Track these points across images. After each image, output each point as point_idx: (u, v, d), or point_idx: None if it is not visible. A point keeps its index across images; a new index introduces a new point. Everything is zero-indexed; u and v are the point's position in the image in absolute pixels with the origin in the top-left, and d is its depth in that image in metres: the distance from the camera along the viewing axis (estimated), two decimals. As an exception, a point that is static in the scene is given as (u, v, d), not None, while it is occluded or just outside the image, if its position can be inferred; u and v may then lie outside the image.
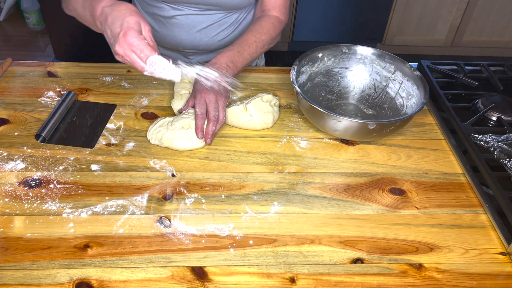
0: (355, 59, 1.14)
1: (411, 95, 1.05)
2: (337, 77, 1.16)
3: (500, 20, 3.00)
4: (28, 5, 2.94)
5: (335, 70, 1.15)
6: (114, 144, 0.97)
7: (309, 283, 0.73)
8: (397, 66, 1.10)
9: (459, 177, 0.95)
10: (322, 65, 1.14)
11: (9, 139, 0.96)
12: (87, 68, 1.19)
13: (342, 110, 1.12)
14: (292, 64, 1.05)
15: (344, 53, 1.13)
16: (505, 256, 0.80)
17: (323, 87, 1.15)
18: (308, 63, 1.11)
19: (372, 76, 1.14)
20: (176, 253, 0.76)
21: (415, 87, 1.04)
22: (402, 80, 1.08)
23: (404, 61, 1.08)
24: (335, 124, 0.94)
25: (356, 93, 1.15)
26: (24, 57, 2.79)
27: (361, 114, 1.11)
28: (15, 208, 0.82)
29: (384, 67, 1.11)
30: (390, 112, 1.09)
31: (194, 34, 1.16)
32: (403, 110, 1.06)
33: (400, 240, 0.81)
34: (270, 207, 0.86)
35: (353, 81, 1.15)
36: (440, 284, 0.74)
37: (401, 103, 1.08)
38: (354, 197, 0.89)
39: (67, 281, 0.71)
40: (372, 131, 0.93)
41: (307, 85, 1.12)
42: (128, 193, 0.86)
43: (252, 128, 1.02)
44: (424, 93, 1.00)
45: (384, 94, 1.12)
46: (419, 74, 1.04)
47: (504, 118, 1.06)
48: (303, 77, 1.10)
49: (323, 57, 1.13)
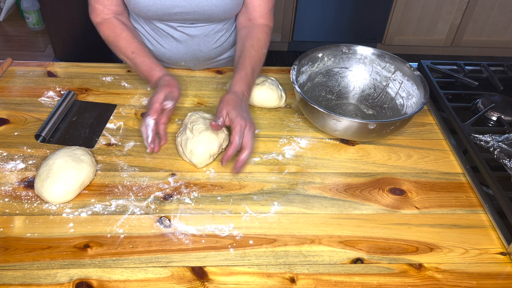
0: (355, 59, 1.14)
1: (411, 95, 1.05)
2: (337, 77, 1.16)
3: (500, 20, 3.00)
4: (28, 5, 2.94)
5: (335, 70, 1.15)
6: (114, 144, 0.97)
7: (309, 283, 0.73)
8: (397, 66, 1.10)
9: (459, 177, 0.95)
10: (322, 65, 1.14)
11: (9, 139, 0.96)
12: (87, 68, 1.19)
13: (342, 110, 1.12)
14: (292, 64, 1.05)
15: (344, 53, 1.13)
16: (505, 256, 0.80)
17: (323, 87, 1.15)
18: (308, 63, 1.11)
19: (372, 76, 1.14)
20: (176, 253, 0.76)
21: (415, 87, 1.04)
22: (402, 80, 1.08)
23: (404, 61, 1.08)
24: (335, 124, 0.94)
25: (356, 93, 1.15)
26: (24, 57, 2.79)
27: (361, 114, 1.11)
28: (15, 208, 0.82)
29: (384, 67, 1.11)
30: (390, 112, 1.09)
31: (192, 46, 1.16)
32: (403, 110, 1.06)
33: (400, 240, 0.81)
34: (270, 207, 0.86)
35: (353, 81, 1.15)
36: (440, 284, 0.74)
37: (401, 103, 1.08)
38: (354, 197, 0.89)
39: (67, 281, 0.71)
40: (372, 131, 0.93)
41: (307, 85, 1.12)
42: (128, 193, 0.86)
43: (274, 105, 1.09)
44: (424, 93, 1.00)
45: (384, 94, 1.12)
46: (419, 74, 1.04)
47: (504, 118, 1.06)
48: (303, 77, 1.10)
49: (323, 57, 1.13)
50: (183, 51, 1.16)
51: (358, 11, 2.91)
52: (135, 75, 1.18)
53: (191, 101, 1.11)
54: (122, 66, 1.21)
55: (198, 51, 1.17)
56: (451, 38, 3.08)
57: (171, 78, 1.00)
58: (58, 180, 0.82)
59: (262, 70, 1.23)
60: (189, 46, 1.16)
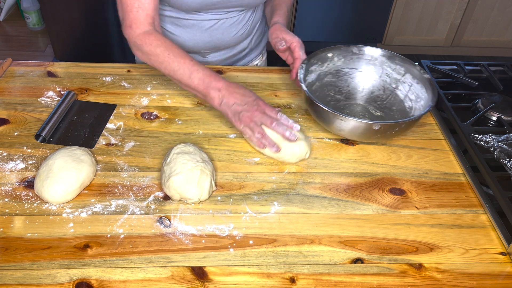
0: (365, 60, 1.13)
1: (420, 97, 1.04)
2: (346, 77, 1.15)
3: (500, 20, 3.00)
4: (28, 5, 2.94)
5: (345, 71, 1.15)
6: (114, 144, 0.97)
7: (309, 283, 0.73)
8: (407, 68, 1.08)
9: (459, 177, 0.95)
10: (332, 65, 1.13)
11: (9, 139, 0.96)
12: (87, 68, 1.19)
13: (350, 110, 1.11)
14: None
15: (354, 54, 1.13)
16: (505, 256, 0.80)
17: (332, 87, 1.14)
18: (318, 63, 1.11)
19: (382, 78, 1.13)
20: (176, 253, 0.76)
21: (424, 90, 1.03)
22: (412, 82, 1.07)
23: (414, 63, 1.07)
24: (340, 124, 0.94)
25: (365, 94, 1.14)
26: (24, 57, 2.79)
27: (369, 115, 1.10)
28: (15, 208, 0.82)
29: (394, 69, 1.11)
30: (398, 114, 1.08)
31: (216, 35, 1.18)
32: (412, 113, 1.05)
33: (400, 240, 0.81)
34: (270, 207, 0.86)
35: (363, 82, 1.15)
36: (440, 284, 0.74)
37: (409, 105, 1.07)
38: (354, 197, 0.89)
39: (67, 281, 0.71)
40: (376, 132, 0.93)
41: (315, 84, 1.11)
42: (128, 193, 0.86)
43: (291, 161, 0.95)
44: (432, 96, 0.99)
45: (393, 96, 1.11)
46: (429, 76, 1.03)
47: (504, 118, 1.06)
48: (312, 76, 1.10)
49: (333, 57, 1.12)
50: (206, 39, 1.18)
51: (358, 11, 2.91)
52: (135, 75, 1.18)
53: (191, 101, 1.11)
54: (122, 66, 1.21)
55: (220, 40, 1.19)
56: (451, 38, 3.08)
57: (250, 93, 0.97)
58: (58, 180, 0.82)
59: (262, 70, 1.24)
60: (213, 36, 1.17)
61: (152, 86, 1.14)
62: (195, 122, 1.04)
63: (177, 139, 0.99)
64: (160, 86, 1.14)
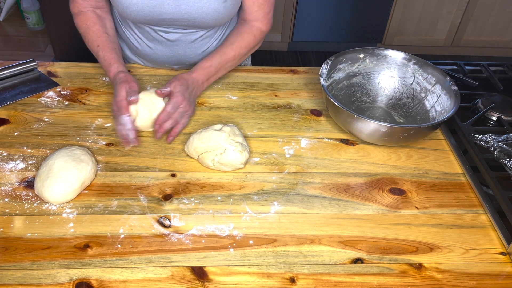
0: (397, 66, 1.13)
1: (444, 109, 1.02)
2: (376, 81, 1.15)
3: (500, 20, 3.00)
4: (28, 5, 2.94)
5: (376, 74, 1.15)
6: (114, 144, 0.97)
7: (309, 283, 0.73)
8: (437, 78, 1.07)
9: (459, 177, 0.95)
10: (363, 66, 1.14)
11: (9, 139, 0.96)
12: (87, 68, 1.19)
13: (372, 113, 1.11)
14: (327, 59, 1.06)
15: (386, 58, 1.13)
16: (505, 256, 0.80)
17: (360, 88, 1.15)
18: (347, 62, 1.11)
19: (412, 86, 1.12)
20: (176, 253, 0.76)
21: (449, 102, 1.01)
22: (440, 93, 1.05)
23: (445, 74, 1.06)
24: (356, 124, 0.95)
25: (392, 100, 1.14)
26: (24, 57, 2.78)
27: (391, 121, 1.09)
28: (15, 208, 0.82)
29: (425, 78, 1.09)
30: (421, 123, 1.05)
31: (178, 51, 1.14)
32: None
33: (400, 240, 0.81)
34: (270, 207, 0.86)
35: (392, 87, 1.14)
36: (440, 284, 0.74)
37: (433, 116, 1.05)
38: (354, 197, 0.89)
39: (67, 281, 0.71)
40: (383, 134, 0.93)
41: (342, 82, 1.12)
42: (128, 193, 0.86)
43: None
44: (454, 109, 0.97)
45: (421, 105, 1.09)
46: (456, 89, 1.01)
47: (504, 118, 1.06)
48: (339, 74, 1.11)
49: (364, 58, 1.13)
50: (168, 54, 1.15)
51: (358, 11, 2.91)
52: (134, 75, 1.17)
53: (191, 101, 1.10)
54: (122, 66, 1.20)
55: (183, 56, 1.16)
56: (451, 38, 3.08)
57: (126, 74, 1.01)
58: (58, 180, 0.82)
59: (262, 70, 1.24)
60: (175, 51, 1.14)
61: (152, 86, 1.14)
62: (195, 122, 1.04)
63: (176, 138, 0.99)
64: (160, 86, 1.14)
